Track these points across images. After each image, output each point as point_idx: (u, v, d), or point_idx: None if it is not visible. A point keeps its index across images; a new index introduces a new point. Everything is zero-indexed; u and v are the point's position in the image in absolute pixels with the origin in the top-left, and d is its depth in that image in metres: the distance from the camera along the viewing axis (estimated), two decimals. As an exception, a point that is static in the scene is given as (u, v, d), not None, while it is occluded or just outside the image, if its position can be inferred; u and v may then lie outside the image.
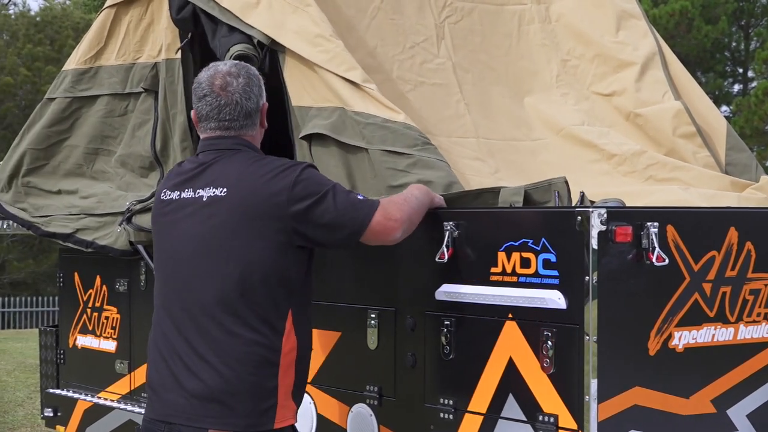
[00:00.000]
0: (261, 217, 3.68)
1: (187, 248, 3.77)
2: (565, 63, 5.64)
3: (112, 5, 5.92)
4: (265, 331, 3.67)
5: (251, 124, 3.87)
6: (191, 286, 3.74)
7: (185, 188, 3.83)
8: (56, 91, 6.13)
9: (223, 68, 3.87)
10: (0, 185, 6.31)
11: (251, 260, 3.68)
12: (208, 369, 3.66)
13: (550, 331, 3.64)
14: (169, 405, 3.73)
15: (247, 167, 3.76)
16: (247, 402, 3.64)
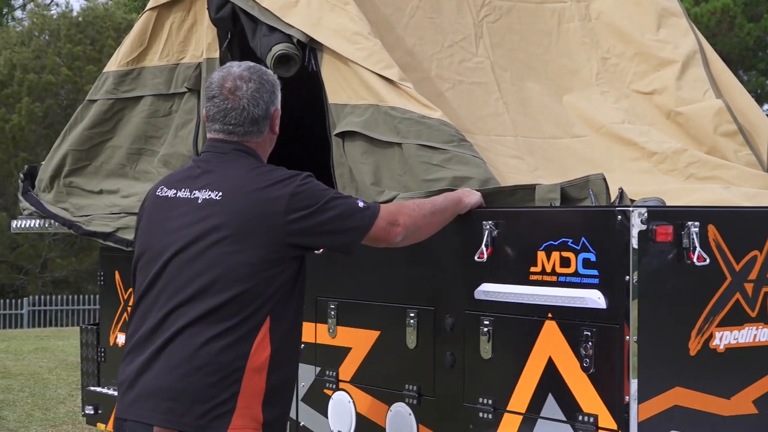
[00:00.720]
0: (253, 226, 3.66)
1: (173, 247, 3.74)
2: (605, 61, 5.62)
3: (153, 7, 5.95)
4: (234, 337, 3.61)
5: (257, 131, 3.83)
6: (170, 284, 3.72)
7: (182, 188, 3.82)
8: (98, 93, 6.17)
9: (236, 71, 3.83)
10: (42, 185, 6.37)
11: (233, 267, 3.64)
12: (168, 368, 3.63)
13: (589, 331, 3.63)
14: (125, 402, 3.74)
15: (246, 174, 3.75)
16: (201, 404, 3.59)
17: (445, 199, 4.05)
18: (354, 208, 3.76)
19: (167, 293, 3.72)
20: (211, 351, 3.60)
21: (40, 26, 30.82)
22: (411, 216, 3.88)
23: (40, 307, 28.23)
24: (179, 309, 3.67)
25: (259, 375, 3.65)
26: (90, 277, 29.05)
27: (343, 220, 3.74)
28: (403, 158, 4.49)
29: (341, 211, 3.73)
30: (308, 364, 4.78)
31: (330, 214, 3.71)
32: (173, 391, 3.61)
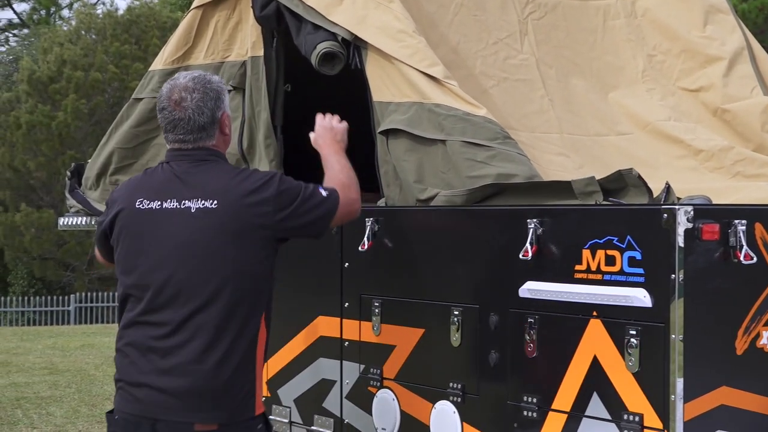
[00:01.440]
0: (248, 229, 3.94)
1: (176, 256, 3.94)
2: (651, 58, 5.59)
3: (198, 6, 5.98)
4: (248, 331, 3.91)
5: (206, 136, 4.05)
6: (180, 292, 3.91)
7: (167, 198, 4.01)
8: (143, 92, 6.20)
9: (181, 82, 4.06)
10: (88, 183, 6.41)
11: (240, 268, 3.93)
12: (195, 367, 3.85)
13: (635, 330, 3.61)
14: (149, 401, 3.91)
15: (231, 179, 4.00)
16: (232, 396, 3.87)
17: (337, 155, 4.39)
18: (321, 198, 4.09)
19: (179, 301, 3.91)
20: (232, 347, 3.87)
21: (87, 25, 31.06)
22: (355, 188, 4.26)
23: (87, 304, 28.47)
24: (197, 315, 3.88)
25: (262, 356, 4.02)
26: (136, 274, 29.17)
27: (317, 211, 4.08)
28: (447, 155, 4.48)
29: (314, 203, 4.07)
30: (352, 361, 4.78)
31: (307, 207, 4.04)
32: (208, 390, 3.85)
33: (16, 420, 10.57)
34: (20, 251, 29.57)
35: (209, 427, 3.86)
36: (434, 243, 4.43)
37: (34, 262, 29.86)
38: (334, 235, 4.88)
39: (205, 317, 3.88)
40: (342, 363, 4.86)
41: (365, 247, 4.63)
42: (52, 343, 18.11)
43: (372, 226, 4.63)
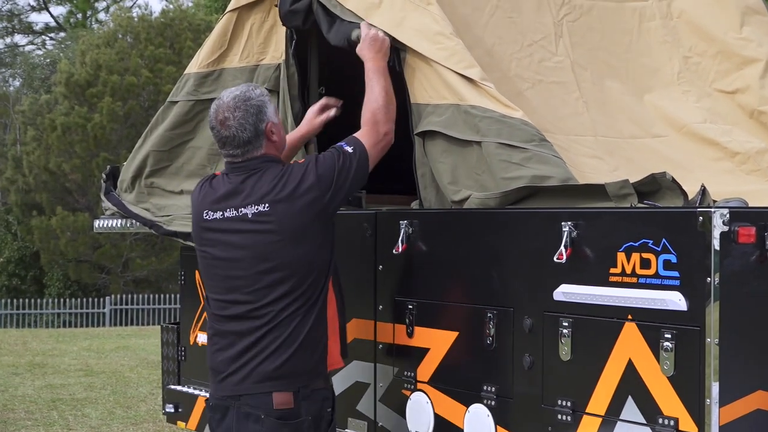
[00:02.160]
0: (308, 219, 4.34)
1: (238, 259, 4.39)
2: (687, 60, 5.56)
3: (233, 9, 6.00)
4: (316, 309, 4.35)
5: (253, 148, 4.43)
6: (248, 288, 4.36)
7: (227, 208, 4.43)
8: (179, 95, 6.22)
9: (225, 101, 4.46)
10: (124, 186, 6.44)
11: (302, 257, 4.33)
12: (274, 350, 4.31)
13: (670, 333, 3.59)
14: (234, 386, 4.37)
15: (279, 180, 4.37)
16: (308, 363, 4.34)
17: (376, 73, 4.70)
18: (351, 158, 4.42)
19: (252, 295, 4.35)
20: (307, 324, 4.32)
21: (124, 28, 31.23)
22: (384, 116, 4.56)
23: (122, 306, 28.62)
24: (274, 305, 4.32)
25: (333, 321, 4.46)
26: (171, 276, 29.39)
27: (354, 170, 4.41)
28: (482, 157, 4.48)
29: (348, 164, 4.40)
30: (386, 364, 4.79)
31: (345, 173, 4.39)
32: (286, 368, 4.30)
33: (52, 421, 10.63)
34: (56, 254, 29.76)
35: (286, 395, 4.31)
36: (468, 245, 4.42)
37: (69, 264, 30.05)
38: (368, 237, 4.88)
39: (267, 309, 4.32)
40: (376, 366, 4.86)
41: (399, 249, 4.63)
42: (88, 345, 18.22)
43: (406, 228, 4.63)
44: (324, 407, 4.38)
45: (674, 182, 3.78)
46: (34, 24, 51.88)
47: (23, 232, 31.58)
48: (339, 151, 4.44)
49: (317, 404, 4.35)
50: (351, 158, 4.42)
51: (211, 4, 36.09)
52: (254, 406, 4.30)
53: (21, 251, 32.29)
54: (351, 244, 4.99)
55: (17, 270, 32.37)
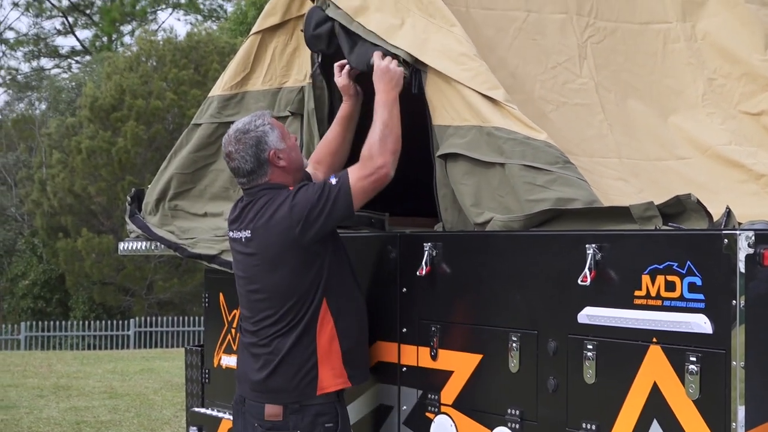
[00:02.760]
0: (278, 248, 4.61)
1: (242, 277, 4.82)
2: (712, 82, 5.54)
3: (257, 32, 6.02)
4: (300, 327, 4.60)
5: (260, 175, 4.74)
6: (248, 308, 4.79)
7: (235, 228, 4.82)
8: (202, 117, 6.24)
9: (229, 134, 4.80)
10: (148, 208, 6.45)
11: (279, 282, 4.62)
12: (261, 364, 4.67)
13: (695, 356, 3.57)
14: (243, 389, 4.82)
15: (262, 207, 4.68)
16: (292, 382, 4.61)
17: (382, 106, 4.76)
18: (331, 191, 4.56)
19: (248, 312, 4.80)
20: (288, 342, 4.61)
21: (148, 52, 31.39)
22: (380, 149, 4.64)
23: (146, 329, 28.67)
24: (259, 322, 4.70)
25: (332, 343, 4.64)
26: (195, 298, 29.46)
27: (332, 203, 4.55)
28: (505, 179, 4.47)
29: (326, 197, 4.55)
30: (410, 387, 4.77)
31: (321, 206, 4.54)
32: (270, 383, 4.65)
33: (76, 443, 10.65)
34: (81, 276, 29.88)
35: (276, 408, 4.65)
36: (492, 268, 4.41)
37: (94, 287, 30.16)
38: (391, 259, 4.88)
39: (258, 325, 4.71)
40: (400, 388, 4.85)
41: (423, 272, 4.62)
42: (112, 367, 18.26)
43: (430, 251, 4.62)
44: (317, 422, 4.63)
45: (699, 204, 3.77)
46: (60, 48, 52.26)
47: (48, 255, 31.73)
48: (324, 183, 4.63)
49: (308, 419, 4.62)
50: (331, 191, 4.57)
51: (235, 27, 36.27)
52: (252, 414, 4.73)
53: (46, 274, 32.44)
54: (375, 266, 4.99)
55: (42, 292, 32.51)
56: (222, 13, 51.02)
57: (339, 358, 4.66)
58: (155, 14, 52.02)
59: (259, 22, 6.05)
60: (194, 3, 51.58)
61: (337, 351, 4.66)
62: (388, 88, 4.81)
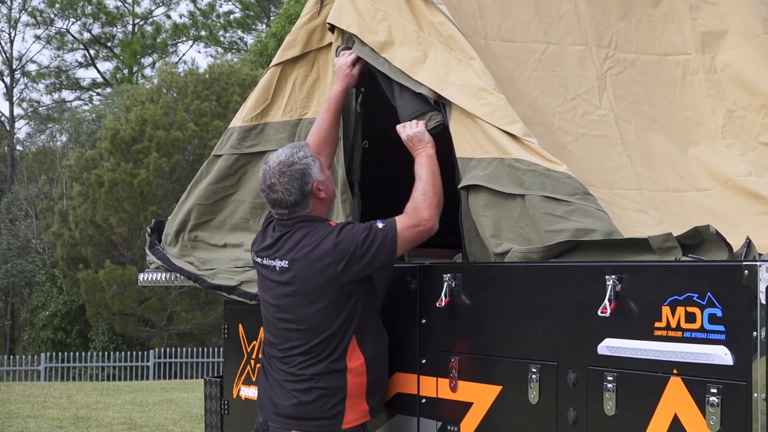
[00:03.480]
0: (316, 281, 4.65)
1: (271, 304, 4.84)
2: (731, 113, 5.53)
3: (277, 64, 6.05)
4: (330, 360, 4.66)
5: (300, 208, 4.77)
6: (276, 335, 4.81)
7: (266, 256, 4.85)
8: (223, 148, 6.26)
9: (271, 166, 4.79)
10: (168, 239, 6.47)
11: (314, 315, 4.66)
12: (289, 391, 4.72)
13: (716, 388, 3.55)
14: (266, 414, 4.83)
15: (303, 239, 4.72)
16: (318, 412, 4.67)
17: (421, 165, 4.85)
18: (377, 234, 4.64)
19: (275, 338, 4.80)
20: (317, 374, 4.66)
21: (169, 83, 31.56)
22: (425, 203, 4.73)
23: (166, 360, 28.67)
24: (288, 350, 4.73)
25: (358, 377, 4.69)
26: (214, 330, 29.48)
27: (377, 247, 4.62)
28: (525, 210, 4.47)
29: (371, 240, 4.62)
30: (429, 418, 4.76)
31: (366, 248, 4.61)
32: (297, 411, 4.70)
33: (95, 474, 10.64)
34: (101, 307, 29.93)
35: None
36: (512, 299, 4.40)
37: (114, 317, 30.20)
38: (411, 290, 4.88)
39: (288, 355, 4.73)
40: (419, 420, 4.83)
41: (443, 303, 4.62)
42: (132, 398, 18.25)
43: (449, 282, 4.62)
44: None
45: (718, 235, 3.76)
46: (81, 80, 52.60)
47: (69, 286, 31.82)
48: (370, 224, 4.68)
49: None
50: (377, 234, 4.63)
51: (255, 59, 36.43)
52: None
53: (66, 305, 32.54)
54: (394, 297, 4.99)
55: (63, 324, 32.60)
56: (242, 45, 51.33)
57: (364, 392, 4.73)
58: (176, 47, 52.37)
59: (279, 54, 6.08)
60: (215, 35, 51.91)
61: (363, 386, 4.72)
62: (422, 148, 4.91)
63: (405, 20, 5.14)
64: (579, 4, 5.52)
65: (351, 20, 5.30)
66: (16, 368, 28.59)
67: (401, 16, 5.16)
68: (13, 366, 28.72)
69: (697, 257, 3.79)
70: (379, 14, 5.21)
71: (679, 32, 5.69)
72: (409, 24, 5.13)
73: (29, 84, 50.83)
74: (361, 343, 4.70)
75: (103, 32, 50.89)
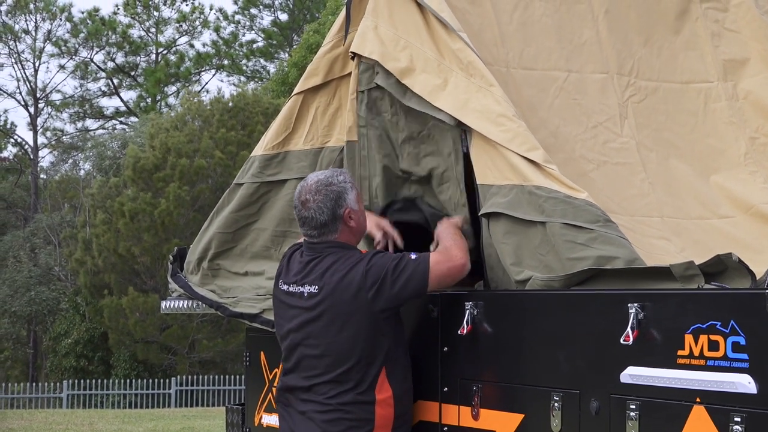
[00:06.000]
0: (346, 308, 4.60)
1: (295, 331, 4.76)
2: (754, 141, 5.52)
3: (299, 92, 6.07)
4: (359, 390, 4.61)
5: (329, 231, 4.75)
6: (299, 363, 4.75)
7: (293, 283, 4.80)
8: (244, 177, 6.28)
9: (308, 184, 4.81)
10: (190, 267, 6.48)
11: (344, 343, 4.61)
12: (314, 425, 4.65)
13: (740, 417, 3.53)
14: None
15: (331, 265, 4.68)
16: None
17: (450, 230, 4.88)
18: (409, 262, 4.63)
19: (303, 367, 4.73)
20: (345, 404, 4.60)
21: (194, 112, 31.70)
22: (458, 246, 4.74)
23: (188, 387, 28.71)
24: (314, 378, 4.69)
25: (386, 410, 4.63)
26: (236, 357, 29.48)
27: (408, 276, 4.60)
28: (546, 237, 4.47)
29: (402, 268, 4.60)
30: (451, 447, 4.75)
31: (397, 275, 4.59)
32: None
33: (117, 503, 10.63)
34: (124, 334, 30.00)
35: None
36: (533, 327, 4.39)
37: (137, 345, 30.26)
38: (433, 318, 4.87)
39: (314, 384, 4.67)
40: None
41: (464, 331, 4.61)
42: (153, 426, 18.26)
43: (471, 310, 4.61)
44: None
45: (741, 263, 3.74)
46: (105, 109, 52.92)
47: (91, 313, 31.90)
48: (402, 254, 4.69)
49: None
50: (409, 263, 4.61)
51: (277, 88, 36.58)
52: None
53: (89, 332, 32.62)
54: (416, 325, 4.98)
55: (85, 351, 32.67)
56: (265, 74, 51.56)
57: (391, 425, 4.69)
58: (199, 75, 52.62)
59: (301, 82, 6.10)
60: (237, 64, 52.15)
61: (391, 419, 4.68)
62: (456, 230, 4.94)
63: (426, 48, 5.16)
64: (600, 31, 5.53)
65: (373, 48, 5.32)
66: (39, 396, 28.67)
67: (422, 44, 5.17)
68: (35, 393, 28.80)
69: (719, 285, 3.78)
70: (401, 42, 5.23)
71: (701, 60, 5.68)
72: (429, 51, 5.14)
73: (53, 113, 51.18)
74: (390, 375, 4.66)
75: (126, 61, 51.24)
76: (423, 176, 5.28)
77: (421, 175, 5.28)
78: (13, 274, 37.54)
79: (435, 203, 5.23)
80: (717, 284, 3.78)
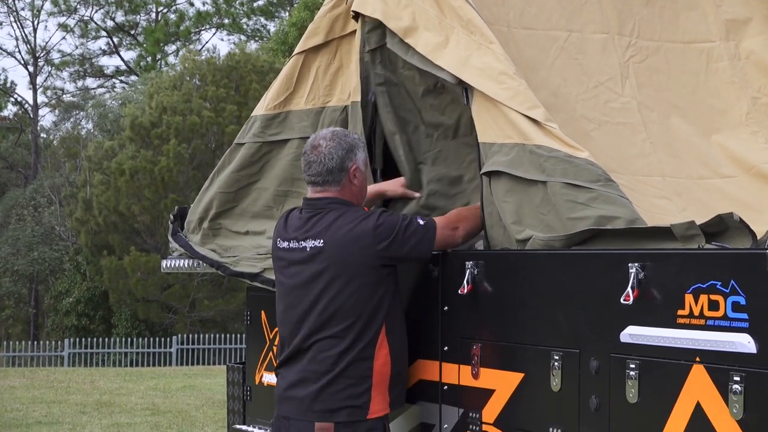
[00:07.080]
0: (352, 260, 4.60)
1: (298, 287, 4.73)
2: (756, 100, 5.50)
3: (300, 52, 6.05)
4: (360, 346, 4.60)
5: (333, 180, 4.74)
6: (303, 317, 4.70)
7: (293, 239, 4.77)
8: (245, 137, 6.27)
9: (323, 132, 4.84)
10: (190, 227, 6.48)
11: (348, 297, 4.60)
12: (312, 381, 4.65)
13: (739, 376, 3.54)
14: (288, 406, 4.75)
15: (336, 220, 4.66)
16: (346, 401, 4.61)
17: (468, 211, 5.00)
18: (418, 226, 4.67)
19: (305, 325, 4.70)
20: (345, 361, 4.60)
21: (191, 71, 31.62)
22: (468, 221, 4.87)
23: (189, 346, 28.82)
24: (315, 335, 4.66)
25: (384, 368, 4.66)
26: (237, 316, 29.58)
27: (419, 236, 4.66)
28: (547, 197, 4.46)
29: (413, 230, 4.65)
30: (451, 405, 4.77)
31: (408, 234, 4.64)
32: (321, 402, 4.63)
33: (119, 460, 10.70)
34: (124, 294, 30.07)
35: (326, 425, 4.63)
36: (534, 287, 4.41)
37: (138, 304, 30.34)
38: (433, 278, 4.88)
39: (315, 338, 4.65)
40: (441, 407, 4.84)
41: (465, 290, 4.62)
42: (154, 384, 18.35)
43: (471, 269, 4.62)
44: None
45: (742, 222, 3.74)
46: (105, 68, 52.77)
47: (92, 272, 31.95)
48: (410, 216, 4.76)
49: None
50: (419, 228, 4.67)
51: (277, 47, 36.44)
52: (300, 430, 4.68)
53: (90, 291, 32.70)
54: (416, 284, 5.00)
55: (86, 310, 32.76)
56: (265, 32, 51.37)
57: (388, 383, 4.70)
58: (199, 34, 52.43)
59: (302, 42, 6.08)
60: (237, 23, 51.95)
61: (388, 375, 4.69)
62: None
63: (427, 5, 5.14)
64: (601, -9, 5.51)
65: (375, 7, 5.30)
66: (40, 354, 28.80)
67: (423, 2, 5.16)
68: (37, 351, 28.94)
69: (720, 245, 3.78)
70: (403, 0, 5.21)
71: (703, 19, 5.66)
72: (431, 9, 5.13)
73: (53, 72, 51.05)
74: (389, 332, 4.67)
75: (126, 20, 51.03)
76: (450, 125, 5.37)
77: (449, 124, 5.36)
78: (16, 233, 37.57)
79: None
80: (718, 244, 3.79)
